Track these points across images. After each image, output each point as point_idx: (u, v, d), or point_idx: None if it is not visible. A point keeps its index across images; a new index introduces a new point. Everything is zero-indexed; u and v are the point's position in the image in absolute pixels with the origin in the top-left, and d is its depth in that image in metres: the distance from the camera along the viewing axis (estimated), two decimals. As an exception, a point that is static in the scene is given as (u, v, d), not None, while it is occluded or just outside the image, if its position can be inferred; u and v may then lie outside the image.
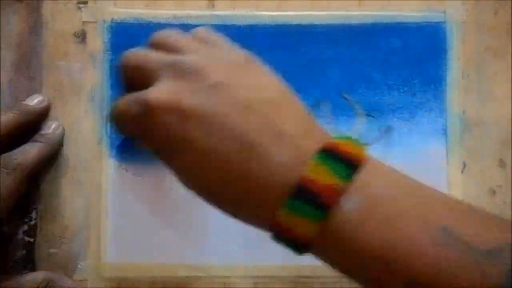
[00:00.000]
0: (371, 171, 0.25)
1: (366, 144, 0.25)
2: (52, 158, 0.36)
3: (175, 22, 0.36)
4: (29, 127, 0.35)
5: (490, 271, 0.23)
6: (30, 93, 0.36)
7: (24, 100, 0.36)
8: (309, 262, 0.35)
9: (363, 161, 0.25)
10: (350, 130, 0.35)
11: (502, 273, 0.22)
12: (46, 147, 0.35)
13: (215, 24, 0.36)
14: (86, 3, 0.37)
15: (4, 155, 0.33)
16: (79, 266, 0.36)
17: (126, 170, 0.36)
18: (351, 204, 0.24)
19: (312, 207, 0.24)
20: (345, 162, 0.24)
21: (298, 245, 0.25)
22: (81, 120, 0.36)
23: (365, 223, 0.23)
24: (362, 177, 0.24)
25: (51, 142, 0.35)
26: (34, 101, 0.36)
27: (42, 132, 0.35)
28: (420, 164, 0.36)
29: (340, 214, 0.24)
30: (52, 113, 0.36)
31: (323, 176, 0.24)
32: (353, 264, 0.24)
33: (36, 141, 0.35)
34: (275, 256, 0.35)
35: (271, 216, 0.24)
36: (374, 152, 0.26)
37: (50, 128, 0.35)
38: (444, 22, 0.36)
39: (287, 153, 0.25)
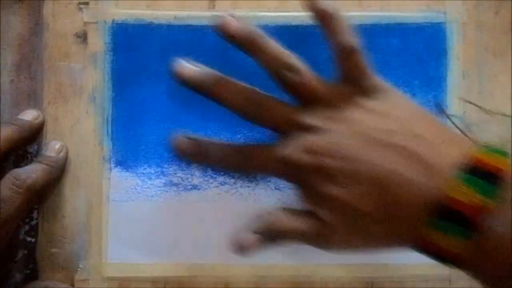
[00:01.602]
0: None
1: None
2: (56, 179, 0.36)
3: (176, 23, 0.36)
4: (25, 142, 0.35)
5: None
6: (31, 93, 0.36)
7: (23, 104, 0.36)
8: (309, 262, 0.36)
9: (506, 175, 0.24)
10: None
11: None
12: (53, 171, 0.35)
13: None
14: (87, 3, 0.37)
15: (13, 173, 0.33)
16: (80, 265, 0.36)
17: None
18: (499, 222, 0.24)
19: (458, 226, 0.24)
20: (487, 177, 0.24)
21: (445, 260, 0.25)
22: (81, 121, 0.36)
23: None
24: (507, 192, 0.24)
25: (57, 166, 0.35)
26: (30, 117, 0.35)
27: (47, 153, 0.35)
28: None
29: (489, 232, 0.24)
30: (53, 113, 0.36)
31: (467, 195, 0.24)
32: (505, 279, 0.24)
33: (42, 163, 0.34)
34: (275, 256, 0.35)
35: (417, 235, 0.25)
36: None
37: (54, 150, 0.35)
38: (444, 22, 0.36)
39: (425, 173, 0.25)
